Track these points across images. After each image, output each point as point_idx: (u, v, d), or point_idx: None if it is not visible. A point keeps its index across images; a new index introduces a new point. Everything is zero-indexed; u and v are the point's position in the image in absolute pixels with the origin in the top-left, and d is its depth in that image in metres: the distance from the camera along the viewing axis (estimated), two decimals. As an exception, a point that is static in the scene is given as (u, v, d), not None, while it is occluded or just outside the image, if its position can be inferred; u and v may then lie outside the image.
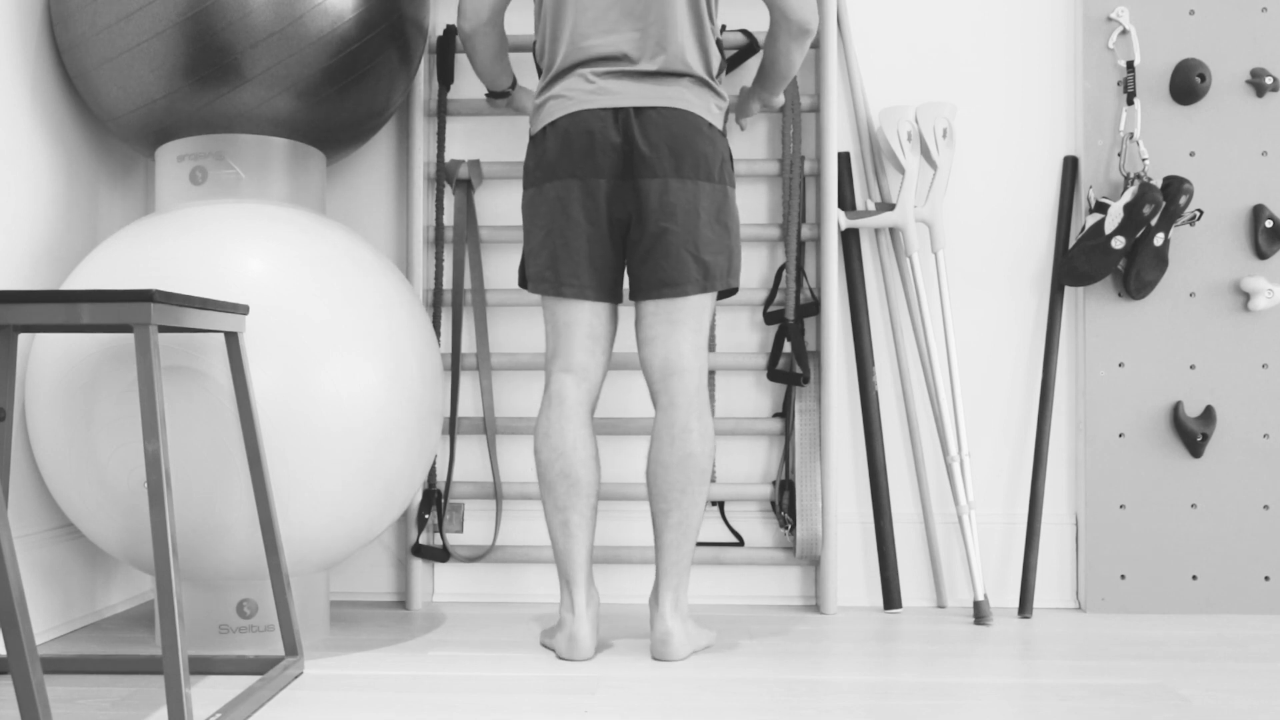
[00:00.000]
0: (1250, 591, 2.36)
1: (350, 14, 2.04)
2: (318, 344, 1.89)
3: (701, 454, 1.95)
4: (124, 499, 1.86)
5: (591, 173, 1.92)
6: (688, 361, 1.97)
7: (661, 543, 1.97)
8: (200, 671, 1.85)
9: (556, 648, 1.97)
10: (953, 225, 2.46)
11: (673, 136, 1.91)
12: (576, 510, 1.96)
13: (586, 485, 1.97)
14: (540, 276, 1.99)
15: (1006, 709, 1.66)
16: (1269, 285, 2.34)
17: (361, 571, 2.49)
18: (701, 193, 1.93)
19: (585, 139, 1.92)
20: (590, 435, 1.99)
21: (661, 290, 1.95)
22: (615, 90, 1.93)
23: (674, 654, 1.95)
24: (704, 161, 1.93)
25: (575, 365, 1.99)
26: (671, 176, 1.91)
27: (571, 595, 1.97)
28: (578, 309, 1.98)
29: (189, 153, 2.09)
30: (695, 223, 1.93)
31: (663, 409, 1.97)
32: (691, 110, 1.94)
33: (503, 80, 2.20)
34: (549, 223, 1.96)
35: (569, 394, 1.98)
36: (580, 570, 1.97)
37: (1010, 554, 2.43)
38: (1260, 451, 2.36)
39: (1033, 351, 2.45)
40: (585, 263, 1.96)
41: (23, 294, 1.46)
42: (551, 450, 1.96)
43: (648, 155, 1.91)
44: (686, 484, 1.94)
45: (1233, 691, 1.76)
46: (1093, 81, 2.40)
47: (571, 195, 1.94)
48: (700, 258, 1.94)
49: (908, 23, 2.47)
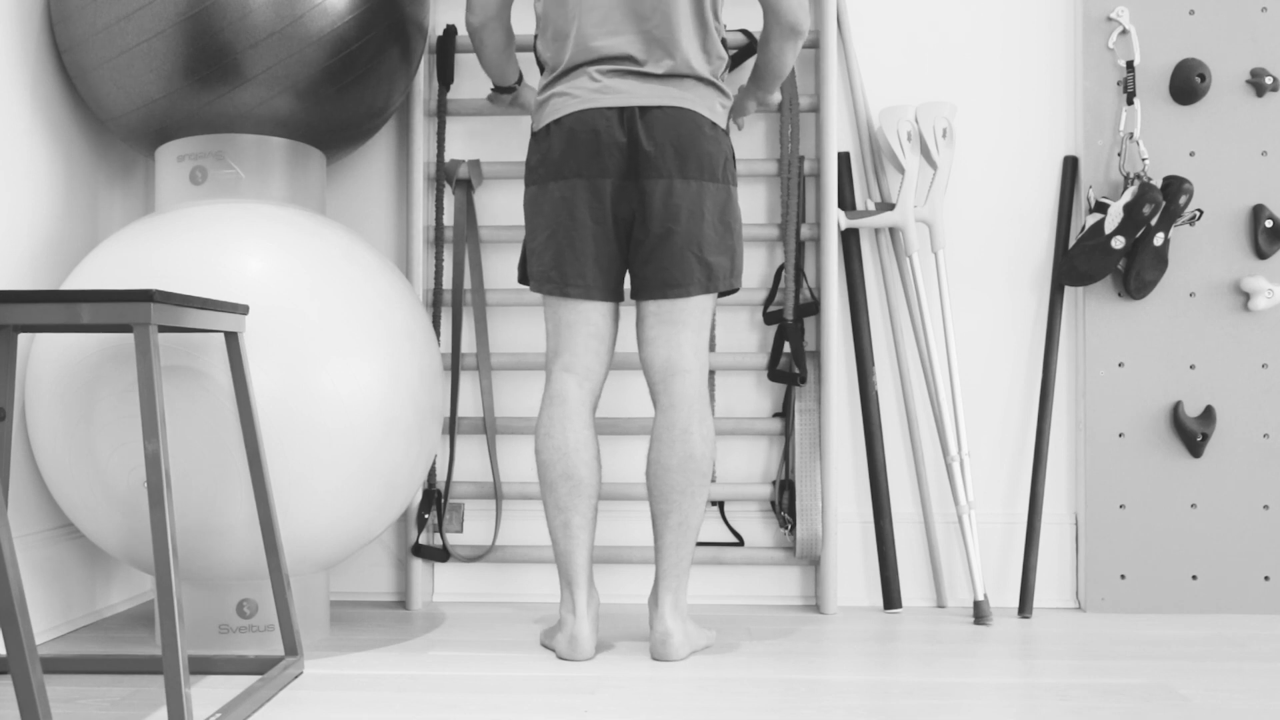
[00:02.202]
0: (1250, 591, 2.36)
1: (350, 14, 2.04)
2: (317, 344, 1.89)
3: (702, 456, 1.95)
4: (124, 499, 1.86)
5: (597, 172, 1.92)
6: (689, 362, 1.97)
7: (661, 543, 1.97)
8: (200, 671, 1.85)
9: (557, 648, 1.97)
10: (953, 225, 2.46)
11: (677, 136, 1.92)
12: (578, 511, 1.96)
13: (588, 486, 1.96)
14: (545, 276, 1.99)
15: (1006, 709, 1.66)
16: (1269, 285, 2.34)
17: (361, 571, 2.49)
18: (706, 193, 1.94)
19: (591, 138, 1.92)
20: (592, 435, 1.98)
21: (665, 291, 1.95)
22: (621, 90, 1.93)
23: (673, 654, 1.95)
24: (708, 161, 1.94)
25: (577, 365, 1.99)
26: (676, 177, 1.91)
27: (573, 596, 1.96)
28: (581, 309, 1.98)
29: (189, 152, 2.09)
30: (699, 223, 1.93)
31: (663, 410, 1.97)
32: (696, 110, 1.94)
33: (509, 75, 2.20)
34: (554, 222, 1.96)
35: (571, 394, 1.98)
36: (581, 571, 1.97)
37: (1010, 554, 2.43)
38: (1260, 451, 2.36)
39: (1032, 351, 2.45)
40: (590, 263, 1.95)
41: (23, 294, 1.46)
42: (554, 450, 1.96)
43: (652, 155, 1.91)
44: (687, 485, 1.94)
45: (1233, 691, 1.76)
46: (1093, 81, 2.40)
47: (577, 195, 1.93)
48: (704, 258, 1.95)
49: (907, 23, 2.47)
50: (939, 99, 2.46)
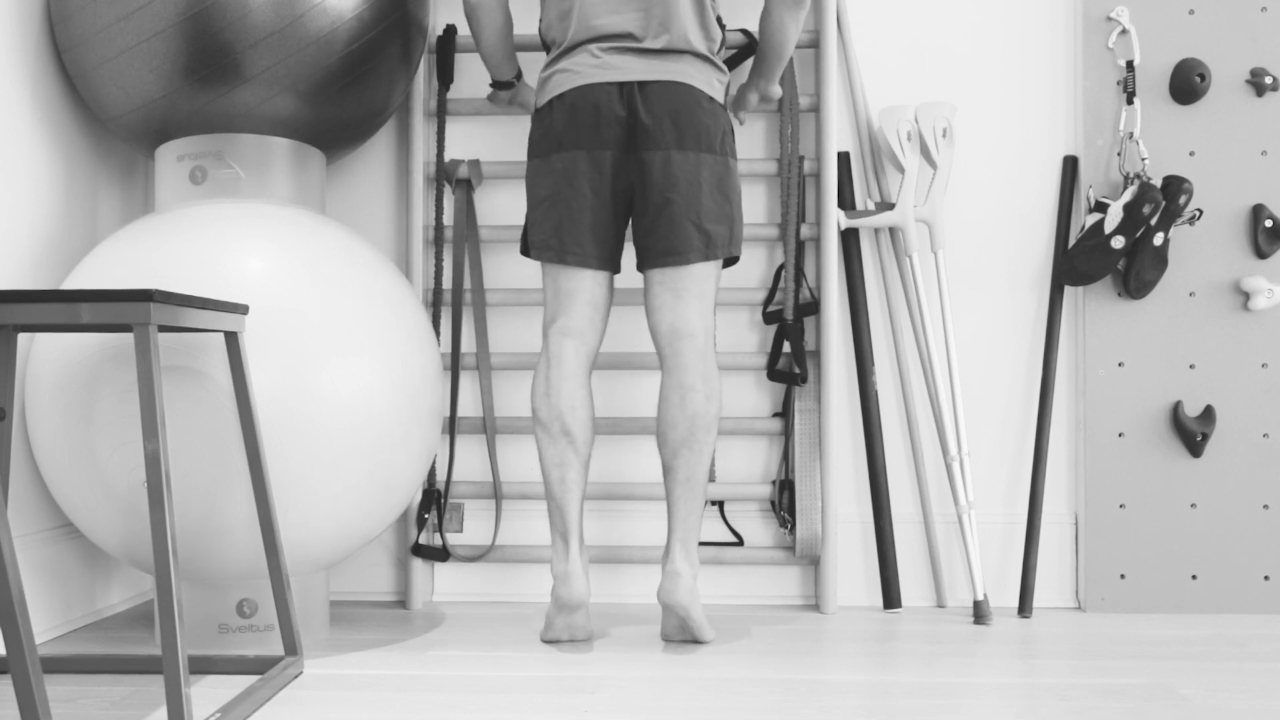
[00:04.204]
0: (1250, 591, 2.36)
1: (350, 13, 2.04)
2: (317, 344, 1.89)
3: (706, 412, 2.01)
4: (124, 499, 1.86)
5: (597, 145, 1.99)
6: (693, 326, 2.03)
7: (671, 498, 2.04)
8: (200, 671, 1.85)
9: (554, 597, 2.01)
10: (953, 225, 2.46)
11: (674, 110, 1.98)
12: (572, 466, 2.03)
13: (583, 442, 2.04)
14: (544, 244, 2.05)
15: (1006, 709, 1.66)
16: (1269, 285, 2.34)
17: (361, 571, 2.49)
18: (703, 164, 2.00)
19: (592, 112, 1.99)
20: (588, 395, 2.05)
21: (666, 259, 2.02)
22: (621, 66, 1.99)
23: (681, 595, 1.98)
24: (705, 134, 2.00)
25: (574, 329, 2.06)
26: (674, 149, 1.98)
27: (566, 543, 2.02)
28: (579, 277, 2.04)
29: (189, 152, 2.09)
30: (697, 193, 1.99)
31: (669, 371, 2.03)
32: (693, 84, 2.01)
33: (507, 68, 2.23)
34: (554, 192, 2.02)
35: (568, 355, 2.05)
36: (574, 521, 2.04)
37: (1010, 554, 2.43)
38: (1260, 451, 2.36)
39: (1032, 351, 2.45)
40: (589, 232, 2.02)
41: (23, 294, 1.46)
42: (550, 409, 2.03)
43: (650, 128, 1.98)
44: (691, 440, 2.00)
45: (1233, 691, 1.76)
46: (1092, 81, 2.40)
47: (578, 166, 2.00)
48: (702, 226, 2.01)
49: (908, 22, 2.47)
50: (939, 99, 2.46)
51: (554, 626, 2.04)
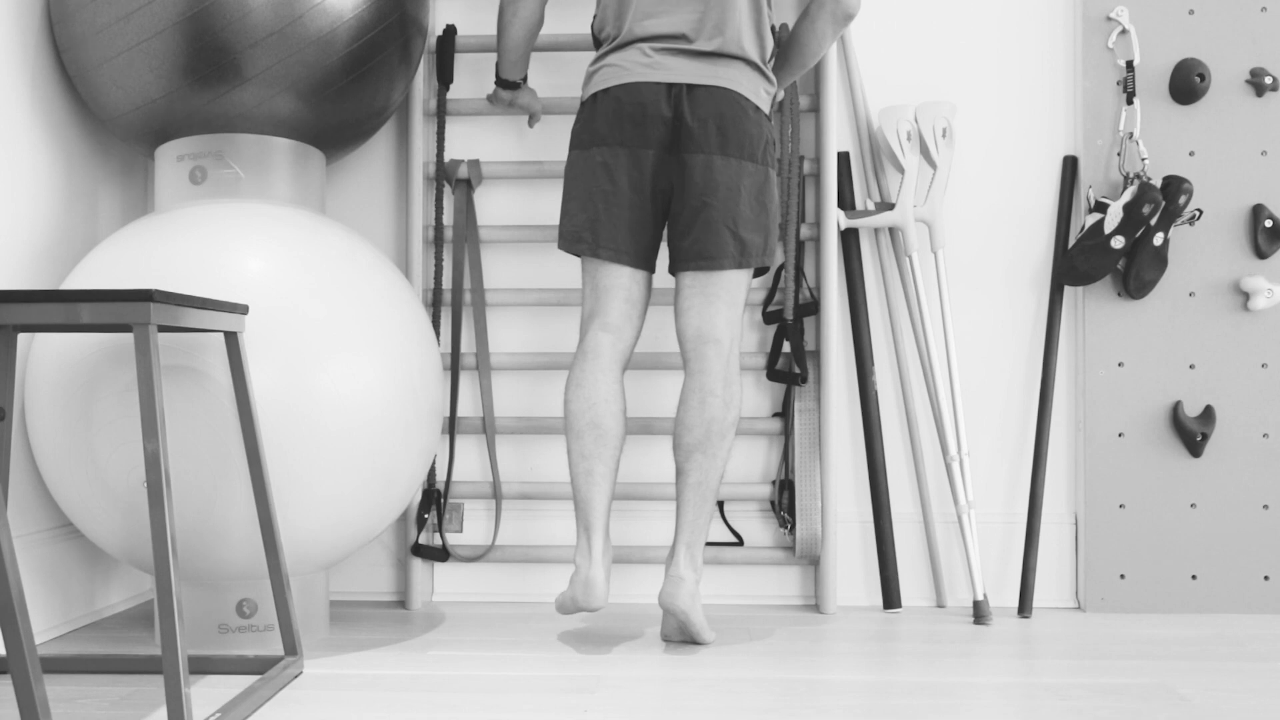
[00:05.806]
0: (1250, 591, 2.36)
1: (350, 14, 2.04)
2: (317, 344, 1.89)
3: (723, 418, 2.00)
4: (124, 499, 1.86)
5: (640, 143, 1.99)
6: (720, 332, 2.03)
7: (680, 500, 2.03)
8: (200, 671, 1.85)
9: (573, 595, 1.97)
10: (952, 225, 2.46)
11: (720, 115, 1.98)
12: (601, 460, 2.01)
13: (614, 436, 2.02)
14: (578, 237, 2.05)
15: (1006, 709, 1.66)
16: (1268, 285, 2.34)
17: (361, 571, 2.49)
18: (744, 172, 2.00)
19: (637, 110, 1.99)
20: (621, 390, 2.04)
21: (699, 263, 2.02)
22: (670, 66, 2.00)
23: (681, 599, 1.97)
24: (749, 142, 2.00)
25: (611, 325, 2.05)
26: (716, 154, 1.98)
27: (589, 540, 1.99)
28: (617, 273, 2.04)
29: (189, 152, 2.09)
30: (736, 200, 1.99)
31: (691, 374, 2.03)
32: (741, 92, 2.01)
33: (519, 68, 2.24)
34: (591, 185, 2.03)
35: (605, 350, 2.04)
36: (600, 517, 2.01)
37: (1010, 553, 2.43)
38: (1260, 451, 2.36)
39: (1032, 351, 2.45)
40: (624, 228, 2.02)
41: (22, 294, 1.46)
42: (583, 400, 2.02)
43: (695, 131, 1.98)
44: (706, 445, 2.00)
45: (1233, 691, 1.76)
46: (1092, 81, 2.40)
47: (619, 162, 2.00)
48: (739, 234, 2.01)
49: (908, 23, 2.47)
50: (938, 99, 2.46)
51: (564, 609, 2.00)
